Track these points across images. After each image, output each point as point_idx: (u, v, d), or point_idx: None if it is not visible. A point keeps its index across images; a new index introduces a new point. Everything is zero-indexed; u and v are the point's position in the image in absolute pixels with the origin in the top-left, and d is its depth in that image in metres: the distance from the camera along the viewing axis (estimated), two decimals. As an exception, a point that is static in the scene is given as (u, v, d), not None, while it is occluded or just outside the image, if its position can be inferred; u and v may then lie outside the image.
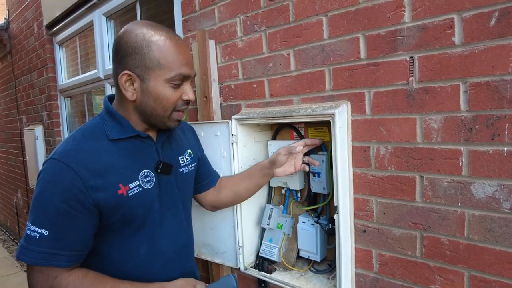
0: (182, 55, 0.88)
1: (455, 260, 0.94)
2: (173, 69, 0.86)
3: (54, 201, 0.80)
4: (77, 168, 0.81)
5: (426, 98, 0.95)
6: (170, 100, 0.89)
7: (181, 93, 0.91)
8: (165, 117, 0.92)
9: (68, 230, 0.82)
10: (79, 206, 0.81)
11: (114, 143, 0.90)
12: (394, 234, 1.05)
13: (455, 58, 0.89)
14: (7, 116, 4.43)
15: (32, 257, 0.80)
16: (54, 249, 0.81)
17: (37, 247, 0.80)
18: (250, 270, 1.38)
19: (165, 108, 0.90)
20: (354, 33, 1.07)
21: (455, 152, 0.91)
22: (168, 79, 0.87)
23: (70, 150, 0.85)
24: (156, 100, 0.88)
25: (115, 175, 0.86)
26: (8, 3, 3.96)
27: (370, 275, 1.11)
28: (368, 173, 1.08)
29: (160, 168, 0.95)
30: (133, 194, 0.88)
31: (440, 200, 0.95)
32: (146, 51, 0.85)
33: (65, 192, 0.80)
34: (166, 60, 0.86)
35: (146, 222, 0.93)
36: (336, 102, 1.13)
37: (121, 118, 0.92)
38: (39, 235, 0.80)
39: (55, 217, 0.81)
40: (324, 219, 1.27)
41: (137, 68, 0.86)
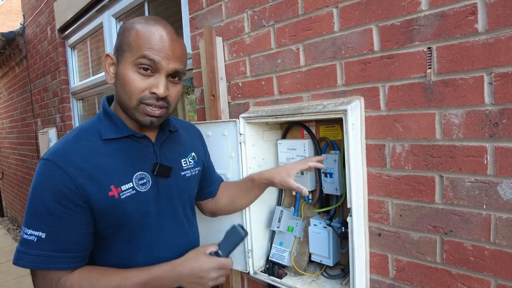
0: (156, 40, 0.81)
1: (480, 267, 0.86)
2: (140, 50, 0.80)
3: (46, 203, 0.77)
4: (66, 168, 0.78)
5: (446, 91, 0.88)
6: (133, 86, 0.81)
7: (150, 84, 0.82)
8: (131, 107, 0.84)
9: (64, 231, 0.79)
10: (72, 205, 0.79)
11: (107, 143, 0.86)
12: (412, 238, 0.98)
13: (478, 47, 0.82)
14: (23, 119, 4.53)
15: (31, 261, 0.76)
16: (53, 251, 0.77)
17: (35, 250, 0.77)
18: (259, 274, 1.33)
19: (129, 96, 0.82)
20: (367, 24, 1.01)
21: (479, 149, 0.84)
22: (133, 61, 0.81)
23: (60, 149, 0.82)
24: (122, 84, 0.83)
25: (106, 176, 0.83)
26: (24, 9, 4.05)
27: (386, 281, 1.04)
28: (384, 173, 1.02)
29: (156, 171, 0.90)
30: (125, 196, 0.84)
31: (463, 202, 0.88)
32: (125, 34, 0.83)
33: (56, 193, 0.77)
34: (137, 43, 0.81)
35: (143, 227, 0.89)
36: (348, 98, 1.07)
37: (115, 117, 0.89)
38: (36, 238, 0.77)
39: (50, 219, 0.78)
40: (336, 221, 1.21)
41: (116, 51, 0.85)
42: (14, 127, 5.10)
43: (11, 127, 5.30)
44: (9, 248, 4.84)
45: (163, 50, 0.81)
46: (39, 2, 3.48)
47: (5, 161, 6.12)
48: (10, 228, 5.89)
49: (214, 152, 1.38)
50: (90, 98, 3.08)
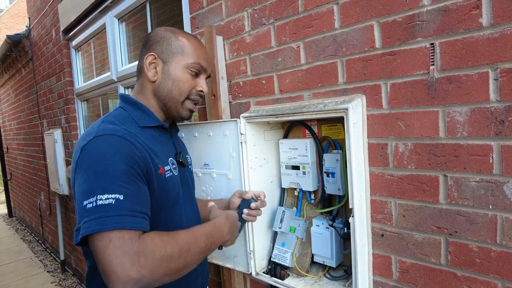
0: (203, 51, 1.03)
1: (487, 269, 0.84)
2: (194, 57, 0.98)
3: (120, 166, 0.77)
4: (131, 140, 0.83)
5: (450, 88, 0.85)
6: (185, 84, 0.98)
7: (196, 84, 1.00)
8: (179, 101, 0.99)
9: (139, 193, 0.80)
10: (140, 172, 0.82)
11: (144, 130, 0.94)
12: (416, 239, 0.95)
13: (482, 42, 0.79)
14: (30, 120, 4.57)
15: (114, 222, 0.72)
16: (133, 211, 0.76)
17: (117, 211, 0.73)
18: (261, 275, 1.31)
19: (180, 92, 0.98)
20: (368, 20, 0.99)
21: (485, 148, 0.82)
22: (187, 64, 0.98)
23: (115, 128, 0.85)
24: (174, 82, 0.97)
25: (155, 156, 0.89)
26: (29, 11, 4.08)
27: (389, 283, 1.02)
28: (386, 173, 1.00)
29: (180, 158, 1.03)
30: (168, 176, 0.93)
31: (468, 202, 0.85)
32: (173, 39, 0.99)
33: (128, 157, 0.80)
34: (189, 50, 0.99)
35: (175, 208, 0.96)
36: (349, 96, 1.05)
37: (144, 107, 0.98)
38: (114, 200, 0.74)
39: (126, 182, 0.77)
40: (339, 222, 1.19)
41: (163, 53, 0.98)
42: (21, 129, 5.16)
43: (19, 129, 5.36)
44: (17, 248, 4.90)
45: (207, 59, 1.04)
46: (44, 5, 3.51)
47: (13, 162, 6.20)
48: (18, 228, 5.96)
49: (215, 152, 1.37)
50: (95, 99, 3.09)
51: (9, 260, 4.40)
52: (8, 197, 6.86)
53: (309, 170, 1.23)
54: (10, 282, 3.72)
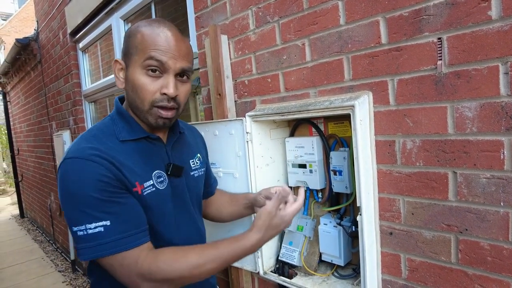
0: (162, 41, 0.81)
1: (499, 268, 0.82)
2: (146, 52, 0.81)
3: (92, 195, 0.76)
4: (98, 161, 0.78)
5: (458, 83, 0.84)
6: (144, 89, 0.82)
7: (160, 86, 0.83)
8: (144, 111, 0.85)
9: (123, 211, 0.79)
10: (117, 189, 0.79)
11: (124, 144, 0.87)
12: (425, 237, 0.94)
13: (492, 35, 0.77)
14: (40, 122, 4.64)
15: (106, 249, 0.76)
16: (122, 233, 0.77)
17: (109, 237, 0.76)
18: (269, 274, 1.31)
19: (141, 99, 0.83)
20: (374, 16, 0.97)
21: (495, 144, 0.80)
22: (142, 64, 0.82)
23: (84, 147, 0.80)
24: (133, 88, 0.84)
25: (131, 173, 0.83)
26: (37, 15, 4.14)
27: (398, 282, 1.01)
28: (394, 170, 0.98)
29: (170, 170, 0.93)
30: (147, 193, 0.86)
31: (478, 199, 0.84)
32: (132, 38, 0.84)
33: (97, 184, 0.76)
34: (143, 45, 0.82)
35: (163, 223, 0.91)
36: (356, 93, 1.04)
37: (130, 118, 0.90)
38: (103, 227, 0.76)
39: (105, 207, 0.77)
40: (347, 220, 1.17)
41: (124, 56, 0.86)
42: (31, 131, 5.24)
43: (29, 131, 5.44)
44: (29, 248, 4.98)
45: (169, 50, 0.82)
46: (51, 8, 3.55)
47: (24, 164, 6.30)
48: (30, 228, 6.06)
49: (221, 151, 1.36)
50: (102, 100, 3.12)
51: (22, 260, 4.47)
52: (19, 198, 6.98)
53: (316, 168, 1.22)
54: (22, 282, 3.78)
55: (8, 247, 5.07)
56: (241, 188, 1.32)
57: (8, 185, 11.45)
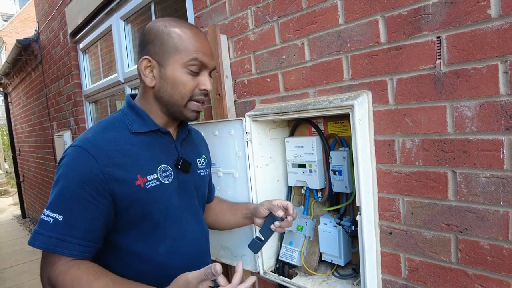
0: (200, 42, 0.89)
1: (499, 267, 0.82)
2: (190, 53, 0.87)
3: (70, 186, 0.78)
4: (95, 154, 0.81)
5: (457, 82, 0.83)
6: (186, 86, 0.89)
7: (198, 83, 0.91)
8: (182, 105, 0.91)
9: (81, 216, 0.79)
10: (94, 193, 0.80)
11: (134, 136, 0.90)
12: (425, 237, 0.93)
13: (491, 34, 0.77)
14: (41, 123, 4.65)
15: (43, 242, 0.77)
16: (65, 235, 0.78)
17: (50, 232, 0.77)
18: (269, 274, 1.31)
19: (181, 95, 0.90)
20: (373, 15, 0.97)
21: (495, 143, 0.79)
22: (184, 63, 0.88)
23: (90, 138, 0.85)
24: (173, 85, 0.89)
25: (134, 166, 0.85)
26: (38, 16, 4.14)
27: (398, 282, 1.01)
28: (394, 170, 0.98)
29: (180, 165, 0.95)
30: (150, 187, 0.87)
31: (478, 199, 0.83)
32: (166, 38, 0.88)
33: (82, 176, 0.79)
34: (184, 45, 0.87)
35: (167, 219, 0.91)
36: (355, 93, 1.04)
37: (142, 112, 0.93)
38: (53, 219, 0.77)
39: (70, 202, 0.78)
40: (347, 220, 1.17)
41: (157, 55, 0.89)
42: (33, 131, 5.25)
43: (30, 131, 5.46)
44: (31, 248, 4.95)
45: (208, 52, 0.91)
46: (52, 9, 3.55)
47: (25, 164, 6.32)
48: (31, 229, 6.07)
49: (221, 151, 1.36)
50: (103, 101, 3.12)
51: (23, 260, 4.49)
52: (21, 199, 6.99)
53: (315, 168, 1.22)
54: (24, 282, 3.79)
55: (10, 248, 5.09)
56: (241, 188, 1.32)
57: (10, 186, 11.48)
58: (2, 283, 3.79)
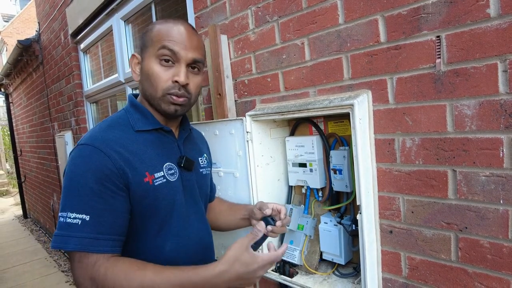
0: (173, 32, 0.87)
1: (498, 265, 0.82)
2: (160, 42, 0.87)
3: (89, 184, 0.78)
4: (106, 151, 0.81)
5: (457, 81, 0.84)
6: (158, 78, 0.87)
7: (172, 74, 0.88)
8: (157, 97, 0.89)
9: (107, 212, 0.79)
10: (113, 187, 0.80)
11: (139, 134, 0.90)
12: (425, 235, 0.94)
13: (491, 33, 0.77)
14: (42, 123, 4.66)
15: (76, 244, 0.76)
16: (97, 233, 0.78)
17: (81, 233, 0.76)
18: (270, 273, 1.31)
19: (154, 88, 0.88)
20: (372, 15, 0.97)
21: (494, 142, 0.80)
22: (156, 53, 0.87)
23: (98, 136, 0.85)
24: (147, 78, 0.89)
25: (141, 163, 0.86)
26: (39, 16, 4.15)
27: (399, 280, 1.01)
28: (394, 169, 0.98)
29: (183, 163, 0.95)
30: (158, 184, 0.87)
31: (478, 197, 0.84)
32: (148, 33, 0.90)
33: (98, 173, 0.79)
34: (157, 37, 0.87)
35: (172, 216, 0.91)
36: (355, 92, 1.04)
37: (145, 110, 0.94)
38: (81, 221, 0.77)
39: (93, 200, 0.78)
40: (347, 219, 1.18)
41: (141, 50, 0.91)
42: (34, 131, 5.26)
43: (31, 132, 5.47)
44: (32, 248, 5.01)
45: (181, 41, 0.87)
46: (53, 9, 3.56)
47: (27, 165, 6.33)
48: (33, 229, 6.09)
49: (222, 151, 1.37)
50: (104, 101, 3.13)
51: (25, 260, 4.50)
52: (22, 199, 7.01)
53: (316, 167, 1.22)
54: (26, 282, 3.80)
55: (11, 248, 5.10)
56: (241, 188, 1.32)
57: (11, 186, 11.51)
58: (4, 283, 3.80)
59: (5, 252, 4.92)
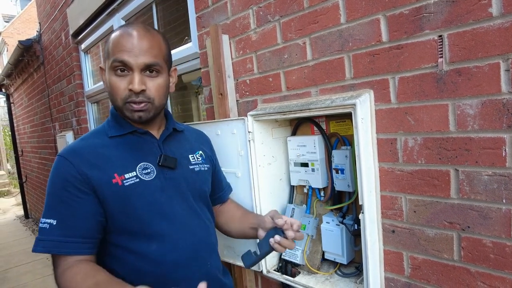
0: (122, 41, 0.88)
1: (501, 265, 0.82)
2: (112, 55, 0.89)
3: (56, 191, 0.87)
4: (72, 159, 0.88)
5: (459, 81, 0.84)
6: (115, 88, 0.90)
7: (128, 83, 0.89)
8: (120, 107, 0.92)
9: (72, 216, 0.86)
10: (78, 192, 0.86)
11: (112, 139, 0.96)
12: (427, 235, 0.94)
13: (493, 32, 0.77)
14: (43, 123, 4.66)
15: (44, 247, 0.83)
16: (63, 236, 0.84)
17: (49, 236, 0.84)
18: (272, 273, 1.31)
19: (115, 98, 0.91)
20: (374, 14, 0.97)
21: (497, 141, 0.80)
22: (110, 66, 0.89)
23: (71, 146, 0.93)
24: (110, 89, 0.92)
25: (110, 165, 0.90)
26: (39, 17, 4.16)
27: (401, 280, 1.01)
28: (396, 168, 0.98)
29: (161, 161, 0.96)
30: (129, 184, 0.90)
31: (480, 197, 0.84)
32: (106, 44, 0.93)
33: (63, 181, 0.86)
34: (111, 49, 0.89)
35: (153, 216, 0.92)
36: (357, 91, 1.04)
37: (118, 117, 0.98)
38: (49, 225, 0.84)
39: (59, 206, 0.86)
40: (349, 219, 1.18)
41: (104, 62, 0.95)
42: (35, 132, 5.27)
43: (32, 132, 5.47)
44: (34, 248, 5.01)
45: (130, 49, 0.88)
46: (53, 9, 3.56)
47: (28, 165, 6.34)
48: (34, 229, 6.09)
49: (224, 151, 1.37)
50: (105, 101, 3.13)
51: (27, 260, 4.51)
52: (24, 199, 7.02)
53: (318, 167, 1.22)
54: (28, 282, 3.81)
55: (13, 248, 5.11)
56: (243, 187, 1.32)
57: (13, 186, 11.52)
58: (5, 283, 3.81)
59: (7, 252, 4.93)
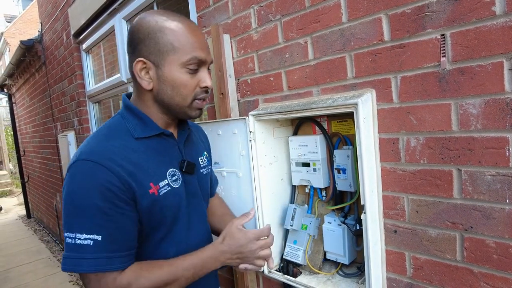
0: (196, 37, 0.84)
1: (505, 265, 0.81)
2: (188, 52, 0.82)
3: (96, 203, 0.75)
4: (109, 166, 0.77)
5: (462, 80, 0.83)
6: (187, 87, 0.84)
7: (198, 80, 0.86)
8: (185, 106, 0.87)
9: (118, 230, 0.78)
10: (121, 203, 0.77)
11: (139, 141, 0.86)
12: (430, 235, 0.93)
13: (496, 31, 0.77)
14: (45, 123, 4.67)
15: (91, 265, 0.74)
16: (110, 252, 0.76)
17: (94, 254, 0.75)
18: (274, 273, 1.31)
19: (183, 96, 0.85)
20: (376, 13, 0.97)
21: (500, 141, 0.79)
22: (183, 63, 0.82)
23: (97, 149, 0.80)
24: (173, 87, 0.84)
25: (144, 174, 0.82)
26: (41, 17, 4.16)
27: (403, 280, 1.01)
28: (398, 168, 0.98)
29: (184, 167, 0.92)
30: (163, 193, 0.85)
31: (483, 197, 0.83)
32: (160, 35, 0.81)
33: (105, 192, 0.75)
34: (180, 43, 0.81)
35: (177, 223, 0.90)
36: (359, 91, 1.03)
37: (142, 115, 0.88)
38: (93, 241, 0.74)
39: (103, 220, 0.75)
40: (351, 219, 1.17)
41: (152, 55, 0.82)
42: (37, 132, 5.28)
43: (34, 132, 5.49)
44: (36, 248, 5.03)
45: (204, 47, 0.85)
46: (55, 9, 3.57)
47: (30, 165, 6.36)
48: (36, 229, 6.11)
49: (225, 151, 1.37)
50: (106, 101, 3.14)
51: (29, 260, 4.52)
52: (26, 199, 7.04)
53: (319, 166, 1.22)
54: (30, 281, 3.82)
55: (15, 247, 5.12)
56: (245, 187, 1.32)
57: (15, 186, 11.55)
58: (7, 283, 3.82)
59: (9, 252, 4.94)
